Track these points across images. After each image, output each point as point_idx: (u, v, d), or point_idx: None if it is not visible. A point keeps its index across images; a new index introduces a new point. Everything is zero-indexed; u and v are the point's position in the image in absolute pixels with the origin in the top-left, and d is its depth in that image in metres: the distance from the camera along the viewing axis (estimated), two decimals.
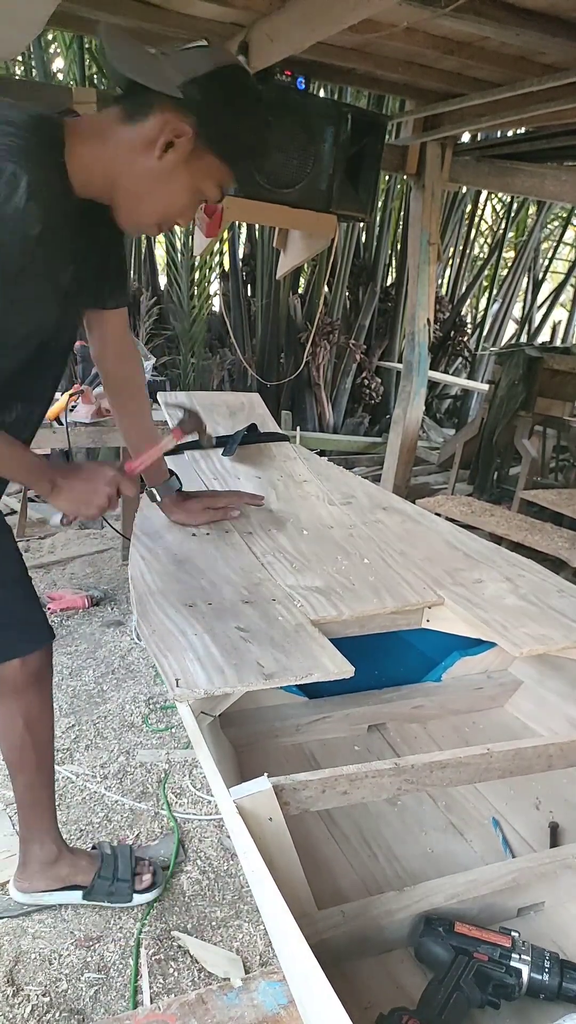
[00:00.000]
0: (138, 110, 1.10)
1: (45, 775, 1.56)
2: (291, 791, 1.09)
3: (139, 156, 1.12)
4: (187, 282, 5.29)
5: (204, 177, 1.17)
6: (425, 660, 1.84)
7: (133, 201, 1.17)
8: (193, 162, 1.13)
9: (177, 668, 1.12)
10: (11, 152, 0.96)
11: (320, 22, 2.45)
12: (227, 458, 2.11)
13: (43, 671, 1.47)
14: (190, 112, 1.09)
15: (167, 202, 1.17)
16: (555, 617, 1.42)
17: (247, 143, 1.20)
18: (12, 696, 1.45)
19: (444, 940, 1.06)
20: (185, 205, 1.19)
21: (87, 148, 1.10)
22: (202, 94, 1.09)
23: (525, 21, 2.52)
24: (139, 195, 1.16)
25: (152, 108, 1.09)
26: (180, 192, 1.17)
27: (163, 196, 1.16)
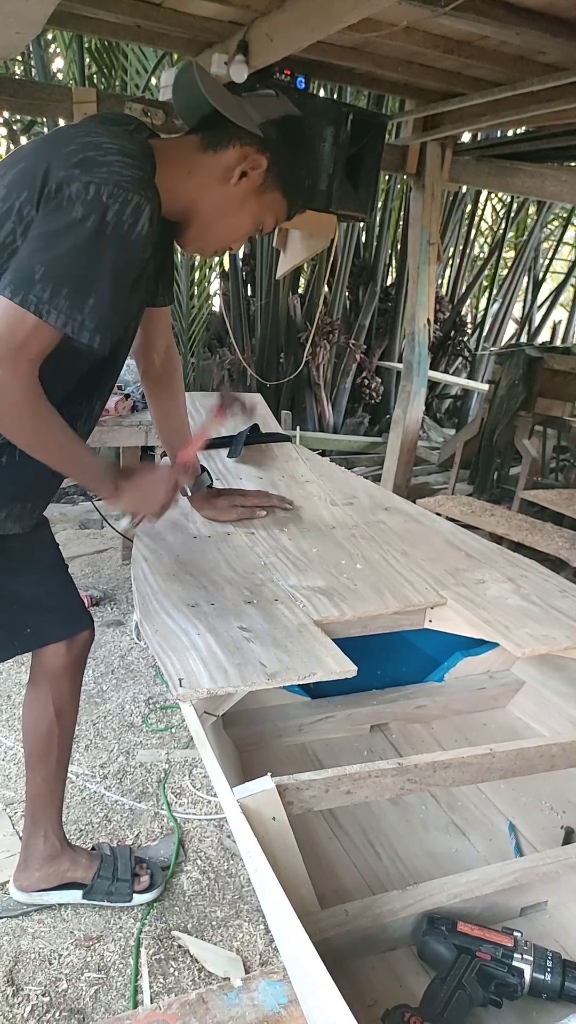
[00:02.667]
0: (218, 141, 1.22)
1: (62, 769, 1.57)
2: (294, 791, 1.09)
3: (216, 182, 1.23)
4: (187, 282, 5.29)
5: (267, 209, 1.29)
6: (428, 660, 1.84)
7: (205, 223, 1.27)
8: (262, 194, 1.26)
9: (180, 668, 1.12)
10: (136, 184, 1.06)
11: (319, 21, 2.44)
12: (230, 459, 2.11)
13: (82, 657, 1.50)
14: (266, 148, 1.22)
15: (233, 227, 1.29)
16: (557, 617, 1.42)
17: (305, 184, 1.33)
18: (49, 682, 1.47)
19: (447, 939, 1.06)
20: (246, 232, 1.31)
21: (172, 174, 1.19)
22: (277, 135, 1.23)
23: (525, 20, 2.51)
24: (211, 218, 1.26)
25: (232, 141, 1.21)
26: (246, 220, 1.28)
27: (231, 221, 1.28)
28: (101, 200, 1.03)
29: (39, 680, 1.49)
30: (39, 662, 1.47)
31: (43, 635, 1.43)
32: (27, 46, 4.06)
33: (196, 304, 5.38)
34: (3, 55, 2.88)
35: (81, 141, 1.10)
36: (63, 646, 1.44)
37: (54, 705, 1.48)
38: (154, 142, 1.23)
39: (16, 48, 2.77)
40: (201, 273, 5.37)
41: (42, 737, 1.51)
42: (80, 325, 1.06)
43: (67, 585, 1.48)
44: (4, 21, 2.29)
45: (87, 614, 1.50)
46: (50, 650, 1.44)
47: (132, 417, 3.39)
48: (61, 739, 1.53)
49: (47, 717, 1.49)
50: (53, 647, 1.44)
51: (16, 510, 1.29)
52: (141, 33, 3.02)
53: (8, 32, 2.39)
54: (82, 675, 1.54)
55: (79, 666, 1.51)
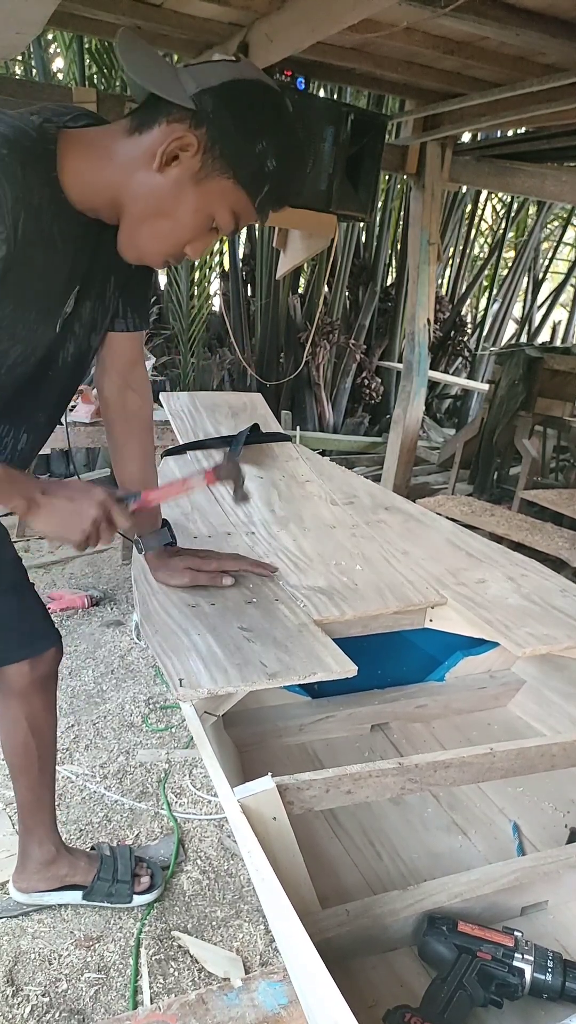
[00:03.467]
0: (144, 121, 1.00)
1: (47, 777, 1.55)
2: (295, 790, 1.08)
3: (140, 169, 1.00)
4: (187, 282, 5.29)
5: (215, 200, 1.03)
6: (428, 660, 1.84)
7: (135, 222, 1.05)
8: (203, 181, 1.01)
9: (180, 668, 1.12)
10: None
11: (319, 22, 2.45)
12: None
13: (50, 676, 1.46)
14: (200, 123, 0.97)
15: (171, 225, 1.04)
16: (558, 617, 1.42)
17: (266, 165, 1.02)
18: (17, 699, 1.44)
19: (447, 939, 1.06)
20: (194, 230, 1.05)
21: (83, 161, 1.01)
22: (214, 105, 0.97)
23: (525, 21, 2.52)
24: (140, 215, 1.04)
25: (159, 118, 0.99)
26: (187, 215, 1.03)
27: (167, 217, 1.03)
28: None
29: (6, 697, 1.44)
30: (3, 681, 1.42)
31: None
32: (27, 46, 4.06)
33: (196, 304, 5.38)
34: (3, 55, 2.88)
35: None
36: (25, 665, 1.39)
37: (27, 721, 1.45)
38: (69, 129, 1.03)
39: (16, 48, 2.77)
40: (201, 273, 5.37)
41: (18, 752, 1.49)
42: None
43: (23, 606, 1.39)
44: (4, 21, 2.30)
45: (52, 633, 1.44)
46: (12, 670, 1.39)
47: None
48: (41, 751, 1.50)
49: (20, 732, 1.46)
50: (15, 667, 1.39)
51: None
52: (141, 34, 3.02)
53: (8, 32, 2.40)
54: (55, 689, 1.50)
55: (48, 682, 1.46)
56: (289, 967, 0.97)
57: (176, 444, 2.19)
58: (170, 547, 1.46)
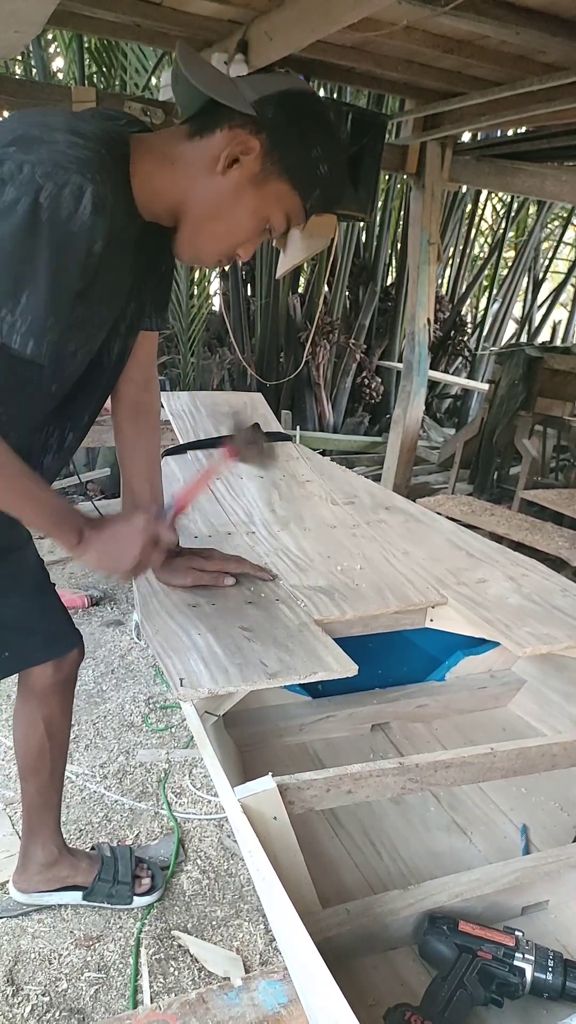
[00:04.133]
0: (205, 126, 1.04)
1: (57, 780, 1.56)
2: (295, 790, 1.08)
3: (203, 173, 1.04)
4: (187, 281, 5.29)
5: (272, 202, 1.07)
6: (429, 659, 1.84)
7: (195, 223, 1.08)
8: (261, 184, 1.05)
9: (181, 668, 1.12)
10: (79, 164, 0.91)
11: (319, 20, 2.45)
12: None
13: (71, 676, 1.48)
14: (260, 129, 1.03)
15: (231, 226, 1.08)
16: (558, 617, 1.42)
17: (319, 171, 1.08)
18: (38, 700, 1.45)
19: (448, 938, 1.06)
20: (250, 232, 1.10)
21: (153, 166, 1.04)
22: (275, 111, 1.03)
23: (525, 20, 2.52)
24: (202, 216, 1.07)
25: (221, 123, 1.03)
26: (245, 217, 1.07)
27: (226, 219, 1.07)
28: (35, 180, 0.88)
29: (27, 698, 1.46)
30: (25, 682, 1.45)
31: (24, 658, 1.40)
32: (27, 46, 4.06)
33: (196, 304, 5.38)
34: (3, 55, 2.88)
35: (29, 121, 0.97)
36: (50, 667, 1.41)
37: (44, 722, 1.46)
38: (137, 135, 1.07)
39: (16, 48, 2.77)
40: (201, 273, 5.37)
41: (33, 753, 1.50)
42: (11, 327, 0.91)
43: (50, 607, 1.42)
44: (4, 21, 2.30)
45: (74, 633, 1.45)
46: (36, 671, 1.41)
47: None
48: (54, 753, 1.51)
49: (37, 734, 1.47)
50: (40, 668, 1.41)
51: None
52: (141, 32, 3.02)
53: (8, 32, 2.39)
54: (73, 691, 1.52)
55: (68, 684, 1.48)
56: (290, 966, 0.97)
57: (176, 444, 2.19)
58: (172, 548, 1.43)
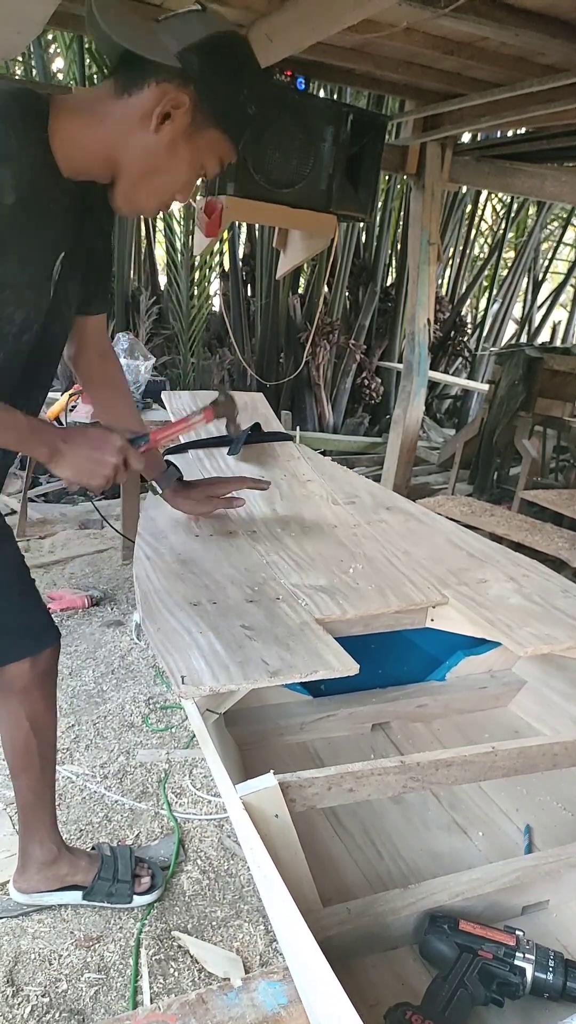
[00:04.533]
0: (132, 82, 1.04)
1: (48, 776, 1.55)
2: (297, 788, 1.08)
3: (135, 130, 1.05)
4: (187, 282, 5.29)
5: (205, 150, 1.11)
6: (429, 659, 1.84)
7: (132, 179, 1.10)
8: (193, 135, 1.08)
9: (183, 666, 1.12)
10: None
11: (319, 22, 2.45)
12: (232, 457, 2.11)
13: (49, 673, 1.47)
14: (188, 81, 1.03)
15: (167, 179, 1.11)
16: (559, 617, 1.42)
17: (248, 113, 1.12)
18: (18, 698, 1.44)
19: (449, 938, 1.06)
20: (186, 180, 1.13)
21: (76, 124, 1.05)
22: (200, 62, 1.03)
23: (524, 21, 2.52)
24: (138, 172, 1.09)
25: (147, 79, 1.03)
26: (180, 167, 1.10)
27: (163, 172, 1.10)
28: None
29: (7, 696, 1.44)
30: (3, 679, 1.42)
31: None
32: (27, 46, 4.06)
33: (196, 304, 5.38)
34: (3, 55, 2.88)
35: None
36: (26, 664, 1.40)
37: (27, 719, 1.45)
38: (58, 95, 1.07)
39: (16, 48, 2.77)
40: (201, 273, 5.37)
41: (19, 751, 1.48)
42: None
43: (26, 604, 1.41)
44: (4, 21, 2.30)
45: (52, 630, 1.45)
46: (12, 668, 1.40)
47: None
48: (41, 749, 1.50)
49: (22, 731, 1.46)
50: (15, 665, 1.39)
51: None
52: None
53: (8, 32, 2.40)
54: (54, 684, 1.50)
55: (48, 680, 1.47)
56: (291, 965, 0.96)
57: (177, 443, 2.19)
58: (182, 482, 1.63)
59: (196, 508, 1.65)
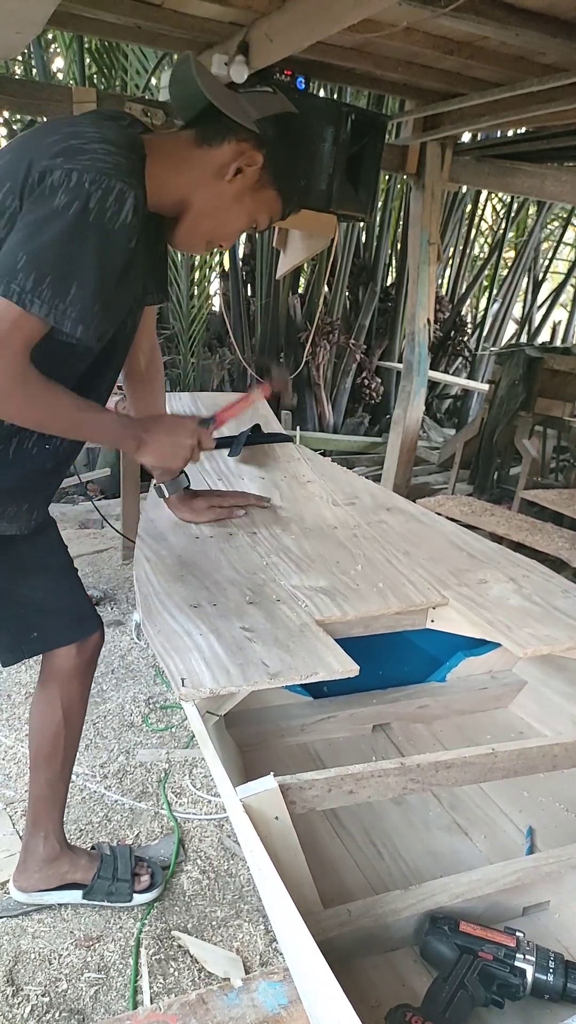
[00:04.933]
0: (213, 137, 1.20)
1: (67, 772, 1.57)
2: (297, 790, 1.09)
3: (211, 178, 1.22)
4: (187, 282, 5.29)
5: (262, 206, 1.28)
6: (429, 660, 1.84)
7: (196, 219, 1.25)
8: (256, 192, 1.25)
9: (183, 668, 1.12)
10: (119, 171, 1.04)
11: (319, 22, 2.44)
12: (232, 459, 2.11)
13: (93, 660, 1.50)
14: (262, 145, 1.21)
15: (226, 224, 1.28)
16: (559, 618, 1.42)
17: (300, 183, 1.31)
18: (58, 684, 1.46)
19: (449, 939, 1.06)
20: (239, 229, 1.31)
21: (163, 168, 1.18)
22: (274, 131, 1.22)
23: (525, 21, 2.52)
24: (204, 214, 1.25)
25: (228, 136, 1.20)
26: (239, 216, 1.27)
27: (224, 217, 1.27)
28: (83, 187, 1.02)
29: (48, 681, 1.48)
30: (49, 664, 1.47)
31: (50, 639, 1.42)
32: (27, 46, 4.06)
33: (196, 304, 5.38)
34: (3, 55, 2.88)
35: (64, 131, 1.09)
36: (73, 648, 1.44)
37: (63, 707, 1.48)
38: (147, 136, 1.21)
39: (16, 48, 2.77)
40: (201, 273, 5.37)
41: (49, 738, 1.50)
42: (62, 314, 1.04)
43: (75, 588, 1.47)
44: (4, 21, 2.30)
45: (96, 616, 1.49)
46: (60, 652, 1.43)
47: None
48: (68, 741, 1.52)
49: (55, 719, 1.48)
50: (63, 650, 1.43)
51: (11, 511, 1.28)
52: (141, 34, 3.02)
53: (8, 32, 2.40)
54: (92, 677, 1.53)
55: (89, 668, 1.50)
56: (291, 966, 0.97)
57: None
58: (187, 491, 1.73)
59: (196, 517, 1.73)
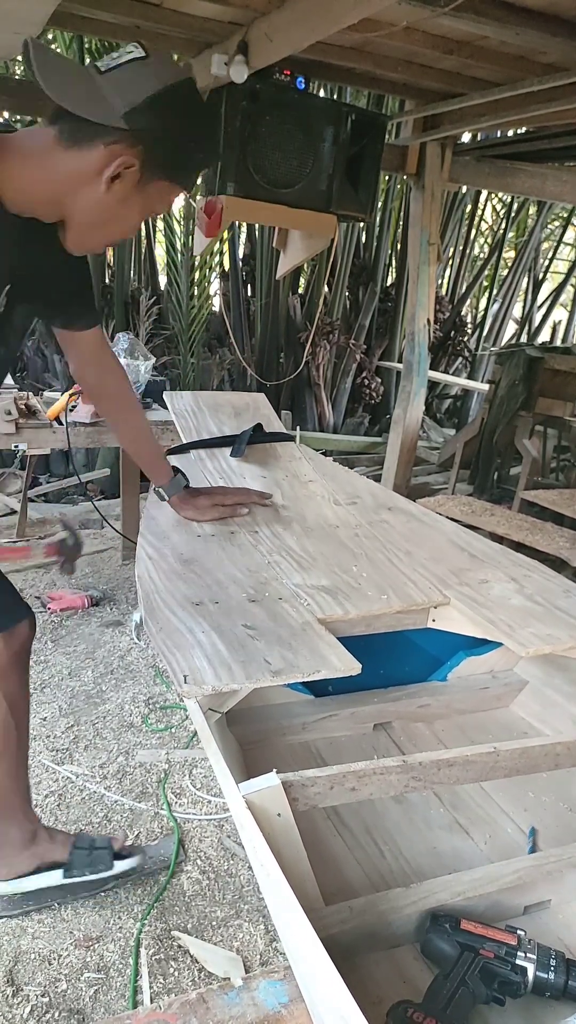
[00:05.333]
0: (79, 138, 1.05)
1: (24, 758, 1.56)
2: (300, 787, 1.09)
3: (84, 185, 1.08)
4: (187, 282, 5.28)
5: (155, 197, 1.15)
6: (431, 660, 1.84)
7: (82, 229, 1.15)
8: (144, 187, 1.11)
9: (185, 665, 1.12)
10: None
11: (319, 21, 2.44)
12: (234, 458, 2.11)
13: (23, 651, 1.48)
14: (137, 141, 1.04)
15: (119, 226, 1.17)
16: (561, 617, 1.42)
17: (196, 160, 1.18)
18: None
19: (450, 937, 1.06)
20: (134, 225, 1.20)
21: (22, 168, 1.06)
22: (149, 120, 1.03)
23: (525, 20, 2.51)
24: (88, 224, 1.14)
25: (95, 138, 1.04)
26: (130, 215, 1.15)
27: (113, 223, 1.15)
28: None
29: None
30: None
31: None
32: None
33: (196, 304, 5.38)
34: (3, 55, 2.88)
35: None
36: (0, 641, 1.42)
37: (6, 700, 1.46)
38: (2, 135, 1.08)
39: (16, 48, 2.76)
40: (201, 273, 5.37)
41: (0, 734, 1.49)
42: None
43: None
44: (4, 21, 2.30)
45: (22, 607, 1.47)
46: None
47: None
48: (19, 731, 1.51)
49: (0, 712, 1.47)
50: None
51: None
52: (140, 34, 3.02)
53: (8, 32, 2.40)
54: (28, 667, 1.52)
55: (22, 659, 1.49)
56: (293, 963, 0.96)
57: (179, 443, 2.19)
58: (189, 489, 1.72)
59: (200, 516, 1.72)
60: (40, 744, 2.18)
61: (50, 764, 2.10)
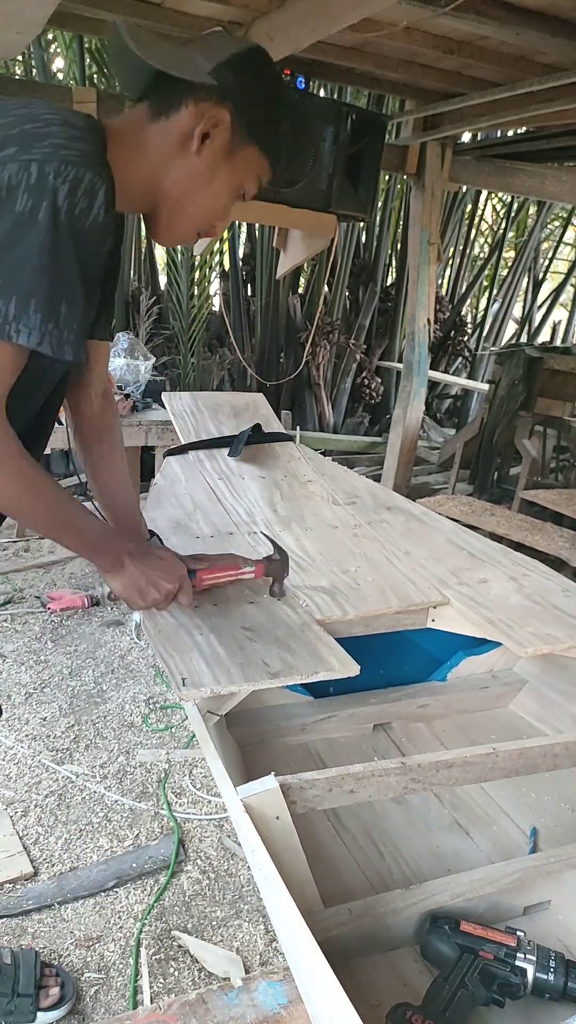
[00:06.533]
0: (168, 104, 1.00)
1: None
2: (298, 790, 1.08)
3: (175, 155, 1.02)
4: (187, 282, 5.28)
5: (244, 170, 1.06)
6: (430, 660, 1.84)
7: (175, 207, 1.06)
8: (232, 155, 1.03)
9: (183, 667, 1.12)
10: (84, 158, 0.86)
11: (319, 21, 2.44)
12: (232, 458, 2.11)
13: None
14: (225, 98, 0.99)
15: (208, 203, 1.07)
16: (560, 617, 1.42)
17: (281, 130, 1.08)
18: None
19: (450, 938, 1.06)
20: (227, 203, 1.09)
21: (124, 155, 0.99)
22: (235, 78, 0.99)
23: (525, 21, 2.52)
24: (181, 199, 1.05)
25: (184, 99, 0.99)
26: (222, 190, 1.06)
27: (206, 196, 1.06)
28: (47, 180, 0.84)
29: None
30: None
31: None
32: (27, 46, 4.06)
33: (196, 304, 5.37)
34: (3, 55, 2.88)
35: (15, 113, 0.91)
36: None
37: None
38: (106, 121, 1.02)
39: (16, 48, 2.77)
40: (201, 273, 5.37)
41: None
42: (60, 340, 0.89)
43: None
44: (4, 21, 2.30)
45: None
46: None
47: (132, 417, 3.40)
48: None
49: None
50: None
51: None
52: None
53: (8, 32, 2.40)
54: None
55: None
56: (292, 966, 0.96)
57: (178, 444, 2.19)
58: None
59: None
60: (40, 744, 2.19)
61: (50, 764, 2.10)
